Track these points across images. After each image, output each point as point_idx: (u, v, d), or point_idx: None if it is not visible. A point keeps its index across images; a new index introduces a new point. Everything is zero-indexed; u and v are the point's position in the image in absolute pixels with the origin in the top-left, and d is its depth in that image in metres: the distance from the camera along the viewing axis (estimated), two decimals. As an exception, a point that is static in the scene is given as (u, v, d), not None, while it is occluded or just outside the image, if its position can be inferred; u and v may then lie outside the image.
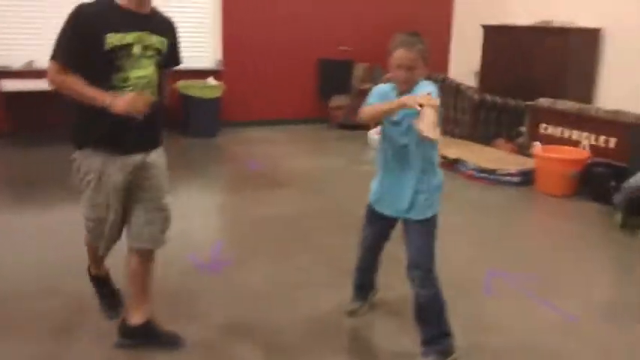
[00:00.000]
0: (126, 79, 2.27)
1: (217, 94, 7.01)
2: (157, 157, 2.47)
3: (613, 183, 4.75)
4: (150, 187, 2.44)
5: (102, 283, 2.82)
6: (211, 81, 7.10)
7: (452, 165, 5.78)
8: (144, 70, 2.30)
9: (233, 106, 7.43)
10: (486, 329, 2.96)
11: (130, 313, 2.58)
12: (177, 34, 2.53)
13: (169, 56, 2.46)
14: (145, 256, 2.52)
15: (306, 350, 2.71)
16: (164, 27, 2.43)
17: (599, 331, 2.99)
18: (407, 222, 2.56)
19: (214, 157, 6.42)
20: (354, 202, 3.13)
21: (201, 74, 7.09)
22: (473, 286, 3.42)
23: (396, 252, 2.78)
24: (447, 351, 2.55)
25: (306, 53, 7.83)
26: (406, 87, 2.38)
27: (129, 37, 2.24)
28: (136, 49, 2.27)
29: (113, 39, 2.22)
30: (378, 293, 3.07)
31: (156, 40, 2.34)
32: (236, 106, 7.49)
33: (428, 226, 2.53)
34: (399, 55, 2.34)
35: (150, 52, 2.32)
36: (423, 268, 2.51)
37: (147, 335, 2.57)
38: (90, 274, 2.82)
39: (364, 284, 2.98)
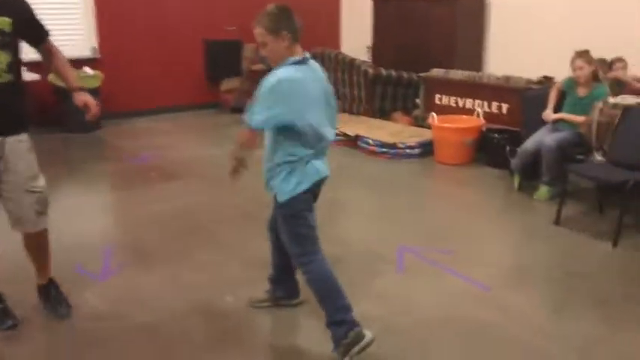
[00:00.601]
0: None
1: (95, 84, 6.39)
2: (15, 140, 2.47)
3: (508, 148, 4.83)
4: (11, 170, 2.46)
5: None
6: (87, 70, 6.49)
7: (353, 142, 5.68)
8: None
9: (114, 96, 6.84)
10: (403, 307, 2.86)
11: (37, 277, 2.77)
12: (28, 8, 2.51)
13: (28, 32, 2.47)
14: (33, 237, 2.63)
15: (214, 354, 2.47)
16: (5, 7, 2.39)
17: (512, 297, 2.97)
18: None
19: (97, 152, 5.86)
20: (255, 190, 2.87)
21: (75, 63, 6.37)
22: (385, 264, 3.31)
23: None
24: (339, 339, 2.34)
25: (190, 34, 7.36)
26: (273, 62, 2.33)
27: None
28: None
29: None
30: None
31: None
32: (118, 96, 6.91)
33: (282, 210, 2.38)
34: (254, 32, 2.31)
35: None
36: (292, 254, 2.44)
37: (51, 293, 2.74)
38: None
39: (273, 278, 2.79)
